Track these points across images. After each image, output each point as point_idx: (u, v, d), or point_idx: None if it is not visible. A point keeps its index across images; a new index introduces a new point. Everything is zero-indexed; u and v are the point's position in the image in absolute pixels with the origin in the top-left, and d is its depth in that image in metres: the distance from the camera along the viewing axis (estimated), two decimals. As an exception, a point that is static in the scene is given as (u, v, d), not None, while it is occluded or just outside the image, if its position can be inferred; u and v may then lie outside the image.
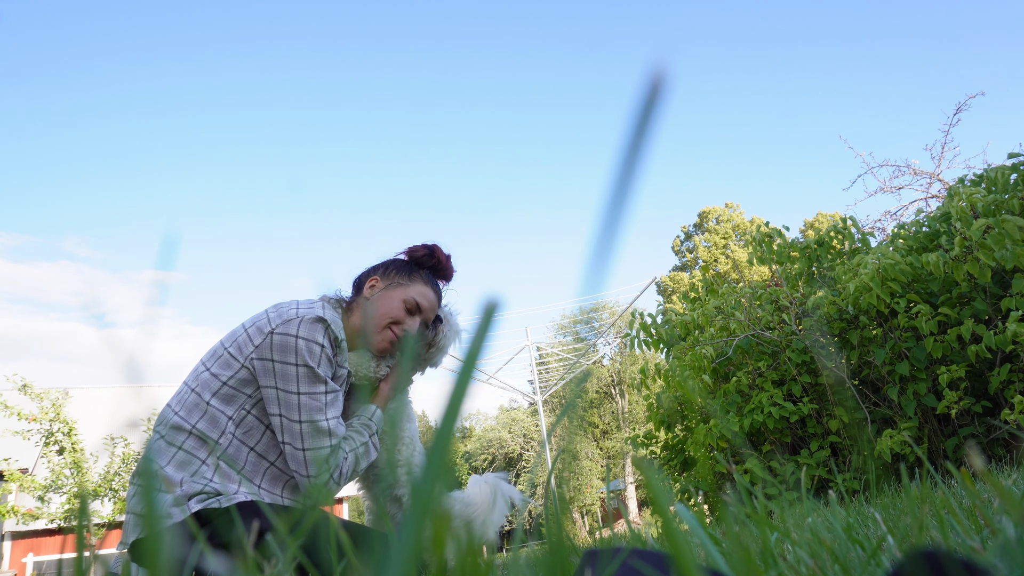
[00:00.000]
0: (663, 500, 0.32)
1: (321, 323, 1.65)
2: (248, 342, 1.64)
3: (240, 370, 1.63)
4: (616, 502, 21.07)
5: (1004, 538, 0.54)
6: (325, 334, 1.65)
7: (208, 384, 1.63)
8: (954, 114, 6.97)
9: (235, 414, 1.62)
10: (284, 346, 1.61)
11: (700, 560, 0.65)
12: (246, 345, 1.64)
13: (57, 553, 17.98)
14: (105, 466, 11.47)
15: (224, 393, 1.63)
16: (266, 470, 1.65)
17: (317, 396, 1.62)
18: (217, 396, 1.62)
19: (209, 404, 1.62)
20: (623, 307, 17.59)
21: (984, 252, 3.18)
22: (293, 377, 1.61)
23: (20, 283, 43.73)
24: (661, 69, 0.26)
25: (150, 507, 0.32)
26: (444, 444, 0.26)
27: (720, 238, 33.75)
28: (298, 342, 1.61)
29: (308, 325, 1.63)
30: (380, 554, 0.26)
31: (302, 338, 1.61)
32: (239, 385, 1.63)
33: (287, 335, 1.62)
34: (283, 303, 1.72)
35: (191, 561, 1.35)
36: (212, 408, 1.61)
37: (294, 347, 1.61)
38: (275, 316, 1.66)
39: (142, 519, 1.63)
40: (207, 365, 1.67)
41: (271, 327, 1.63)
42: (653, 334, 4.76)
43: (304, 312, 1.66)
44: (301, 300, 1.74)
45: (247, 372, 1.63)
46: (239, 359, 1.64)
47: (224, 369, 1.64)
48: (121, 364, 0.39)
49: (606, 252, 0.26)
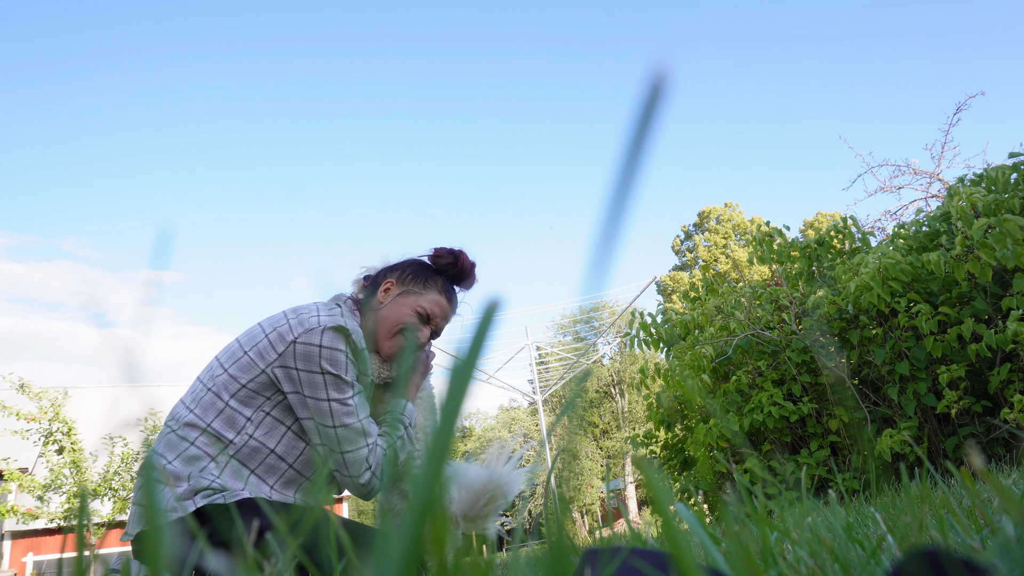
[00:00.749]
0: (663, 499, 0.32)
1: (342, 332, 1.66)
2: (270, 348, 1.64)
3: (260, 375, 1.64)
4: (616, 502, 21.08)
5: (1004, 537, 0.54)
6: (347, 343, 1.66)
7: (226, 385, 1.64)
8: (954, 114, 6.97)
9: (254, 415, 1.63)
10: (308, 356, 1.62)
11: (700, 559, 0.65)
12: (268, 352, 1.64)
13: (57, 552, 17.98)
14: (104, 465, 11.48)
15: (243, 395, 1.63)
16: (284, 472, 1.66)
17: (346, 401, 1.64)
18: (236, 397, 1.63)
19: (228, 404, 1.62)
20: (623, 307, 17.60)
21: (985, 251, 3.18)
22: (321, 385, 1.62)
23: (19, 283, 43.72)
24: (662, 69, 0.26)
25: (151, 501, 0.32)
26: (444, 443, 0.26)
27: (720, 238, 33.76)
28: (322, 351, 1.63)
29: (331, 334, 1.64)
30: (380, 553, 0.26)
31: (326, 347, 1.63)
32: (259, 388, 1.64)
33: (310, 344, 1.62)
34: (302, 307, 1.72)
35: (191, 559, 1.36)
36: (230, 408, 1.62)
37: (318, 356, 1.62)
38: (296, 324, 1.66)
39: (144, 512, 1.63)
40: (225, 366, 1.67)
41: (293, 336, 1.64)
42: (653, 333, 4.76)
43: (325, 320, 1.66)
44: (320, 304, 1.74)
45: (267, 378, 1.64)
46: (260, 365, 1.64)
47: (244, 372, 1.64)
48: (120, 363, 0.39)
49: (608, 251, 0.26)
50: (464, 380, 0.27)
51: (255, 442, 1.62)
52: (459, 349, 0.28)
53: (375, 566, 0.26)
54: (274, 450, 1.64)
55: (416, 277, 1.91)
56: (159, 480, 1.61)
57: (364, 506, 29.41)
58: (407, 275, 1.91)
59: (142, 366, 0.39)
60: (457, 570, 0.37)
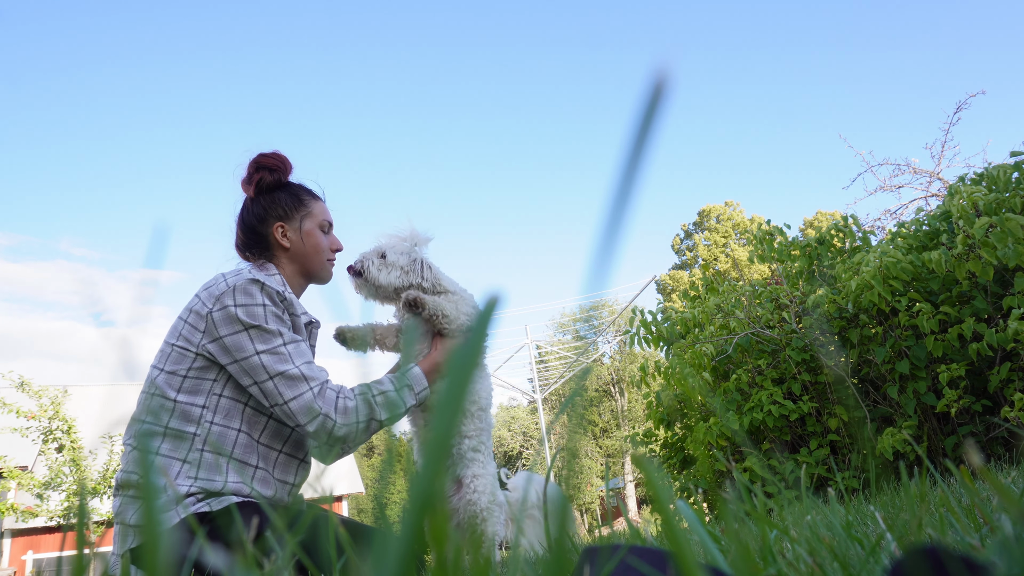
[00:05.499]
0: (663, 498, 0.32)
1: (255, 284, 1.64)
2: (193, 331, 1.63)
3: (196, 359, 1.62)
4: (615, 500, 21.09)
5: (1003, 535, 0.54)
6: (263, 293, 1.63)
7: (168, 383, 1.61)
8: (954, 113, 6.96)
9: (207, 401, 1.60)
10: (227, 319, 1.60)
11: (700, 557, 0.65)
12: (192, 334, 1.62)
13: (56, 551, 17.97)
14: (104, 463, 11.48)
15: (189, 386, 1.61)
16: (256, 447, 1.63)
17: (276, 349, 1.60)
18: (182, 391, 1.60)
19: (176, 401, 1.59)
20: (623, 305, 17.59)
21: (987, 250, 3.18)
22: (247, 342, 1.59)
23: (17, 282, 43.72)
24: (664, 69, 0.26)
25: (149, 513, 0.32)
26: (444, 442, 0.26)
27: (720, 236, 33.75)
28: (237, 309, 1.60)
29: (241, 291, 1.62)
30: (379, 551, 0.26)
31: (240, 304, 1.61)
32: (200, 374, 1.61)
33: (225, 307, 1.61)
34: (209, 281, 1.70)
35: (190, 558, 1.35)
36: (181, 404, 1.59)
37: (235, 315, 1.60)
38: (207, 297, 1.64)
39: (141, 526, 1.62)
40: (160, 367, 1.64)
41: (207, 308, 1.62)
42: (653, 331, 4.76)
43: (233, 281, 1.64)
44: (226, 272, 1.72)
45: (204, 360, 1.62)
46: (191, 349, 1.62)
47: (179, 363, 1.62)
48: (118, 361, 0.39)
49: (609, 250, 0.26)
50: (464, 378, 0.27)
51: (218, 427, 1.59)
52: (459, 347, 0.28)
53: (374, 564, 0.26)
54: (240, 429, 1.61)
55: (290, 203, 1.88)
56: (153, 495, 1.62)
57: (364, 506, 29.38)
58: (283, 208, 1.87)
59: (140, 364, 0.39)
60: (456, 568, 0.37)
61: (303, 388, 1.58)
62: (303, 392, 1.58)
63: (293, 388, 1.58)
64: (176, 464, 1.55)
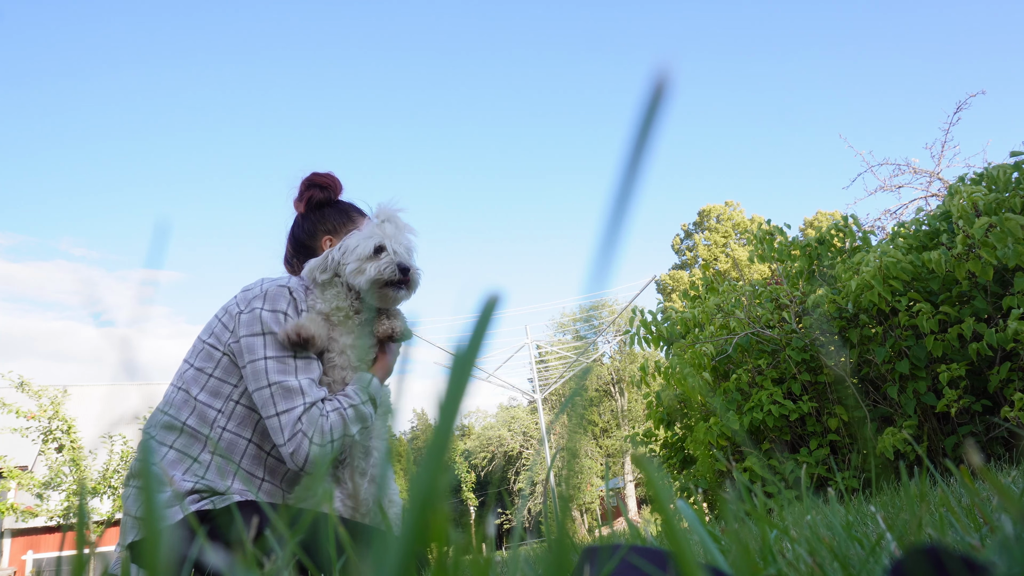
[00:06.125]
0: (663, 497, 0.32)
1: (284, 290, 1.66)
2: (224, 330, 1.65)
3: (222, 358, 1.64)
4: (615, 500, 21.10)
5: (1003, 535, 0.54)
6: (290, 301, 1.65)
7: (195, 379, 1.64)
8: (954, 113, 6.96)
9: (224, 407, 1.62)
10: (251, 320, 1.62)
11: (700, 557, 0.65)
12: (222, 333, 1.65)
13: (56, 550, 17.97)
14: (104, 463, 11.48)
15: (211, 387, 1.63)
16: (264, 460, 1.64)
17: (285, 360, 1.59)
18: (205, 390, 1.62)
19: (197, 400, 1.61)
20: (623, 305, 17.60)
21: (987, 250, 3.18)
22: (259, 346, 1.60)
23: (17, 282, 43.73)
24: (665, 70, 0.26)
25: (149, 507, 0.32)
26: (443, 441, 0.26)
27: (720, 236, 33.75)
28: (263, 314, 1.62)
29: (271, 296, 1.65)
30: (379, 551, 0.26)
31: (266, 310, 1.63)
32: (224, 375, 1.63)
33: (253, 310, 1.63)
34: (249, 284, 1.73)
35: (191, 557, 1.35)
36: (200, 404, 1.61)
37: (259, 318, 1.62)
38: (242, 298, 1.68)
39: (141, 520, 1.62)
40: (190, 361, 1.67)
41: (239, 308, 1.65)
42: (653, 331, 4.76)
43: (268, 286, 1.67)
44: (267, 277, 1.74)
45: (228, 360, 1.63)
46: (219, 348, 1.64)
47: (207, 362, 1.64)
48: (118, 361, 0.39)
49: (610, 250, 0.26)
50: (463, 377, 0.27)
51: (229, 435, 1.60)
52: (458, 346, 0.28)
53: (374, 564, 0.26)
54: (251, 440, 1.62)
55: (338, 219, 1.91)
56: (153, 487, 1.62)
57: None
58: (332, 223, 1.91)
59: (140, 364, 0.39)
60: (457, 567, 0.37)
61: (296, 402, 1.57)
62: (295, 406, 1.56)
63: (287, 400, 1.56)
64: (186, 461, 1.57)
